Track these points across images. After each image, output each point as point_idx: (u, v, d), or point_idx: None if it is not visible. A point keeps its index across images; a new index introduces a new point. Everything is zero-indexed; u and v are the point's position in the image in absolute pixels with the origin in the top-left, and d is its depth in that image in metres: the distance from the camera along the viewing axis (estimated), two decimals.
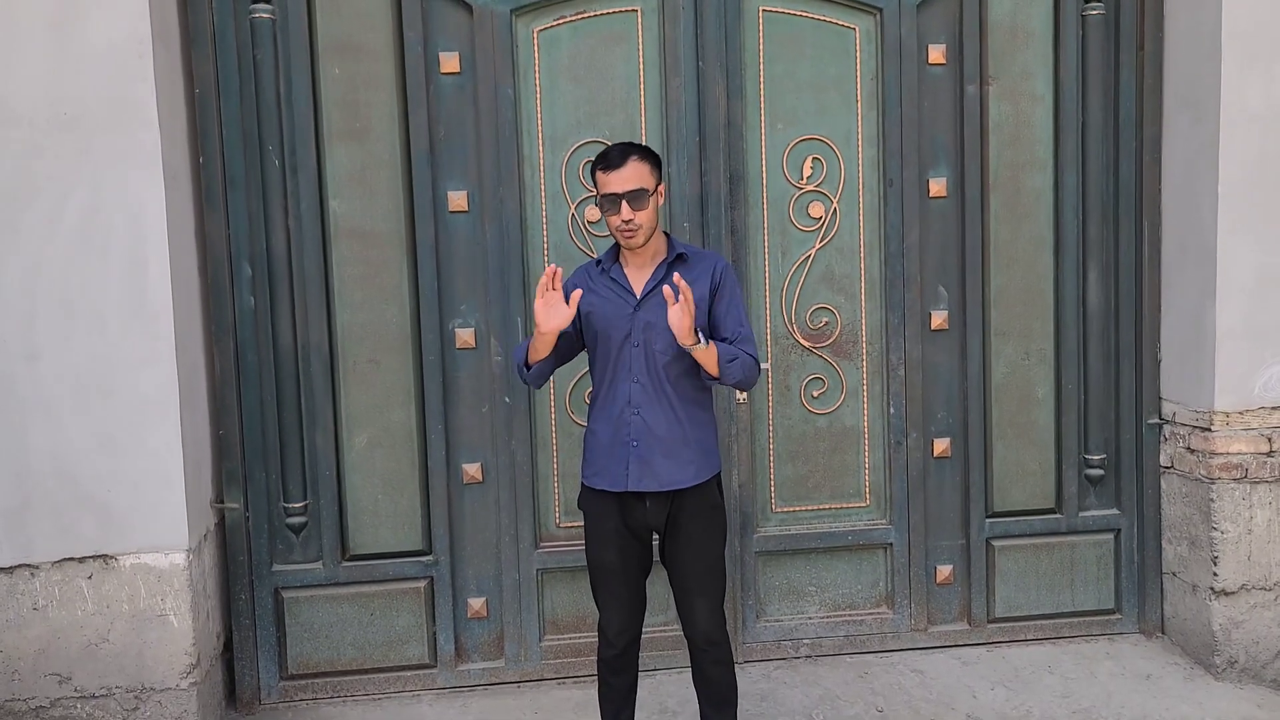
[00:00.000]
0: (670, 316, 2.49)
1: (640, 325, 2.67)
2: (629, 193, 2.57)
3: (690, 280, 2.67)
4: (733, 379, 2.65)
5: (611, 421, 2.71)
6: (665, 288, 2.49)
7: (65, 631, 3.11)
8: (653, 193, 2.63)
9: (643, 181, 2.60)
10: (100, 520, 3.10)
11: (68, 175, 3.02)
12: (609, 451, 2.71)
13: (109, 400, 3.08)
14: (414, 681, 3.62)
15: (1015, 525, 3.85)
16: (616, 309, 2.70)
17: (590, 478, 2.77)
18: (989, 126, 3.69)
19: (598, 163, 2.64)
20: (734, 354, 2.64)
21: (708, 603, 2.75)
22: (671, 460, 2.68)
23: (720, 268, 2.74)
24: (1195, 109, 3.55)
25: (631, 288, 2.71)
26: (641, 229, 2.61)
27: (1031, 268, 3.77)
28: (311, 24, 3.40)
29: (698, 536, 2.73)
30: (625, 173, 2.58)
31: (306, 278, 3.45)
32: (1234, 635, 3.56)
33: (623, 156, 2.60)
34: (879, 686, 3.57)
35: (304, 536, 3.54)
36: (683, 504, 2.71)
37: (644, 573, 2.83)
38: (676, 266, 2.71)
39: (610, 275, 2.74)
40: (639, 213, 2.59)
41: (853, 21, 3.63)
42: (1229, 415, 3.52)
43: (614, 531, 2.74)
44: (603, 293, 2.73)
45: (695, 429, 2.73)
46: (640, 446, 2.67)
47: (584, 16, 3.51)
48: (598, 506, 2.77)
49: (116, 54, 3.01)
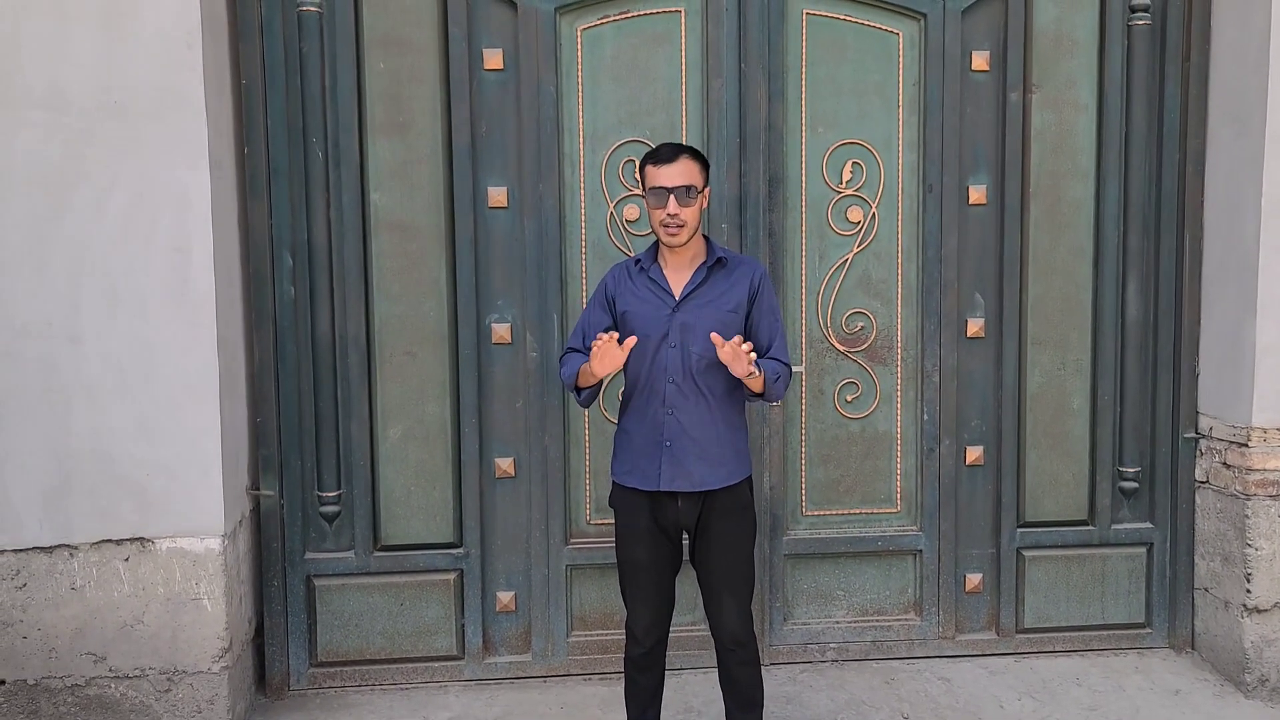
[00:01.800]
0: (723, 356, 2.52)
1: (678, 327, 2.69)
2: (678, 188, 2.60)
3: (728, 286, 2.71)
4: (777, 396, 2.73)
5: (645, 421, 2.73)
6: (713, 334, 2.53)
7: (101, 612, 3.15)
8: (700, 192, 2.66)
9: (692, 179, 2.63)
10: (138, 503, 3.14)
11: (115, 162, 3.05)
12: (642, 450, 2.73)
13: (149, 385, 3.12)
14: (441, 673, 3.64)
15: (1046, 536, 3.83)
16: (654, 310, 2.72)
17: (622, 476, 2.78)
18: (1031, 134, 3.67)
19: (648, 158, 2.68)
20: (777, 373, 2.69)
21: (736, 603, 2.76)
22: (705, 461, 2.70)
23: (759, 274, 2.76)
24: (1240, 122, 3.52)
25: (670, 289, 2.72)
26: (686, 226, 2.64)
27: (1070, 277, 3.75)
28: (358, 18, 3.43)
29: (728, 537, 2.75)
30: (676, 168, 2.62)
31: (346, 269, 3.48)
32: (1265, 653, 3.53)
33: (675, 153, 2.65)
34: (905, 693, 3.56)
35: (336, 525, 3.57)
36: (714, 504, 2.73)
37: (674, 571, 2.84)
38: (715, 270, 2.73)
39: (649, 275, 2.75)
40: (685, 209, 2.62)
41: (896, 26, 3.62)
42: (1266, 431, 3.48)
43: (645, 530, 2.76)
44: (641, 293, 2.75)
45: (729, 430, 2.75)
46: (674, 447, 2.69)
47: (627, 16, 3.52)
48: (629, 504, 2.78)
49: (166, 44, 3.04)
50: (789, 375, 2.77)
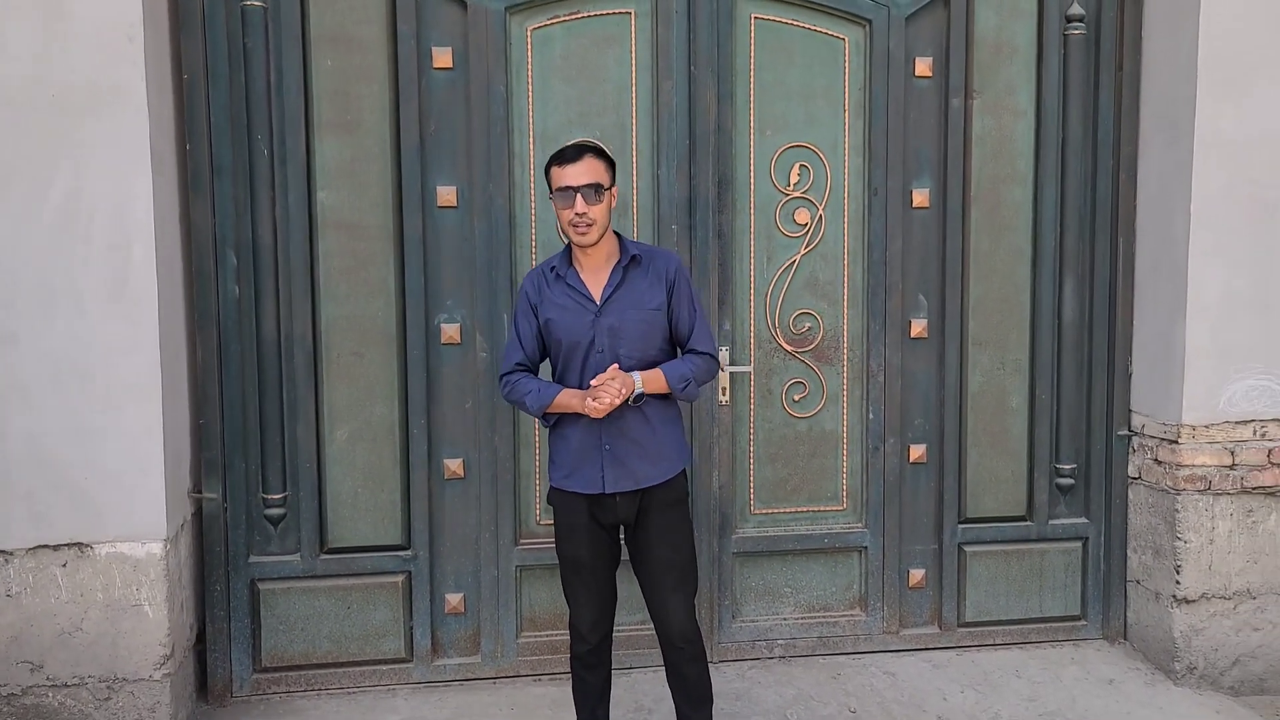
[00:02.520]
0: (602, 406, 2.58)
1: (604, 331, 2.70)
2: (584, 186, 2.59)
3: (646, 283, 2.73)
4: (693, 395, 2.77)
5: (581, 425, 2.73)
6: (589, 402, 2.59)
7: (38, 619, 3.06)
8: (607, 190, 2.66)
9: (598, 177, 2.62)
10: (77, 507, 3.06)
11: (53, 157, 2.98)
12: (581, 454, 2.74)
13: (88, 386, 3.04)
14: (389, 676, 3.61)
15: (987, 532, 3.92)
16: (577, 317, 2.71)
17: (562, 480, 2.78)
18: (972, 139, 3.76)
19: (553, 160, 2.67)
20: (684, 375, 2.71)
21: (683, 600, 2.78)
22: (645, 459, 2.73)
23: (674, 267, 2.77)
24: (1171, 130, 3.64)
25: (590, 293, 2.72)
26: (595, 225, 2.63)
27: (1009, 279, 3.84)
28: (304, 14, 3.38)
29: (668, 531, 2.77)
30: (581, 167, 2.61)
31: (292, 268, 3.43)
32: (1194, 642, 3.66)
33: (579, 152, 2.64)
34: (852, 688, 3.62)
35: (282, 528, 3.52)
36: (652, 498, 2.76)
37: (614, 567, 2.88)
38: (632, 269, 2.74)
39: (567, 281, 2.74)
40: (593, 207, 2.61)
41: (842, 32, 3.67)
42: (1195, 429, 3.61)
43: (584, 527, 2.78)
44: (561, 300, 2.73)
45: (664, 425, 2.78)
46: (614, 449, 2.71)
47: (578, 17, 3.52)
48: (568, 504, 2.80)
49: (106, 36, 2.98)
50: (711, 367, 2.80)
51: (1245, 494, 3.62)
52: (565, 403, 2.69)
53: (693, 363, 2.76)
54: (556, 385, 2.73)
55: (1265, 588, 3.66)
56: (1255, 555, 3.65)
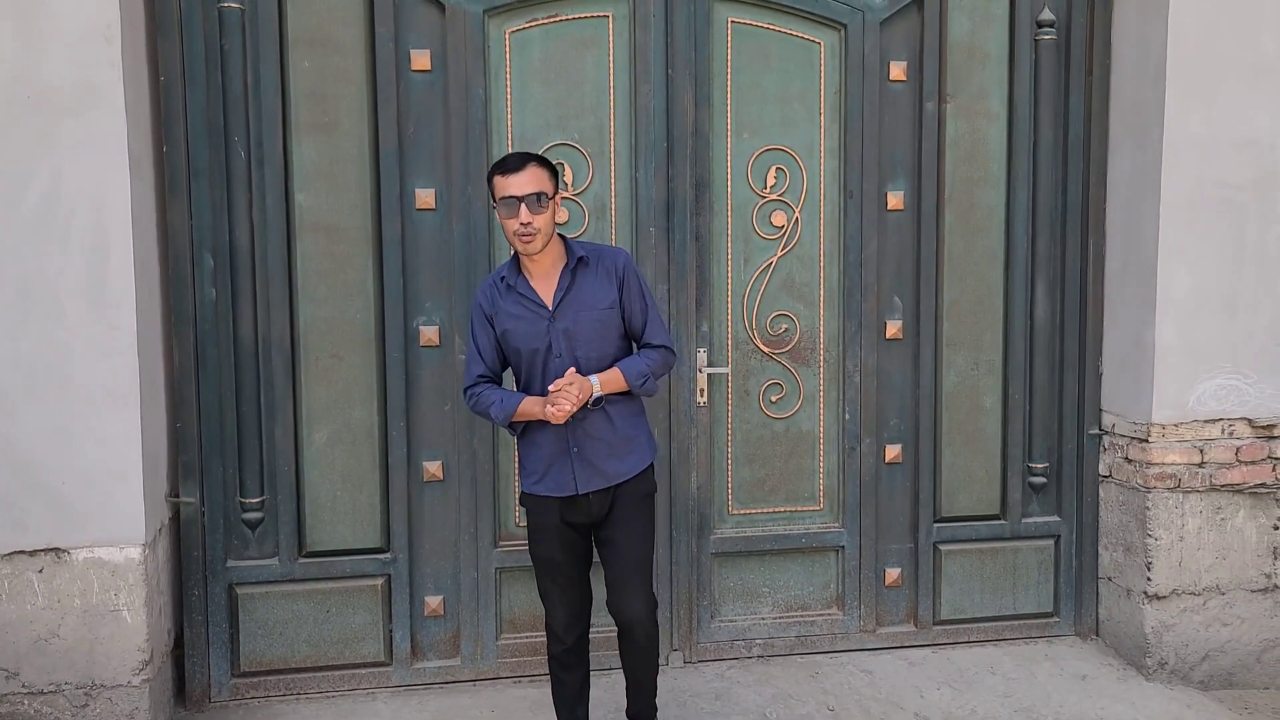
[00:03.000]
0: (561, 412, 2.60)
1: (559, 335, 2.73)
2: (528, 196, 2.61)
3: (596, 283, 2.76)
4: (652, 389, 2.81)
5: (548, 430, 2.76)
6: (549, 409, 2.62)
7: (14, 626, 3.03)
8: (550, 199, 2.68)
9: (541, 186, 2.64)
10: (53, 512, 3.03)
11: (28, 159, 2.95)
12: (551, 458, 2.78)
13: (66, 389, 3.02)
14: (369, 679, 3.60)
15: (961, 530, 3.97)
16: (531, 325, 2.74)
17: (534, 485, 2.82)
18: (946, 143, 3.81)
19: (495, 169, 2.68)
20: (642, 371, 2.75)
21: (645, 588, 2.83)
22: (614, 457, 2.78)
23: (622, 262, 2.80)
24: (1140, 134, 3.70)
25: (541, 299, 2.74)
26: (540, 233, 2.65)
27: (983, 280, 3.89)
28: (281, 15, 3.37)
29: (634, 522, 2.82)
30: (524, 177, 2.63)
31: (269, 271, 3.41)
32: (1165, 638, 3.72)
33: (522, 161, 2.66)
34: (830, 686, 3.65)
35: (260, 532, 3.50)
36: (623, 492, 2.80)
37: (588, 565, 2.93)
38: (580, 270, 2.77)
39: (517, 290, 2.76)
40: (537, 216, 2.62)
41: (818, 36, 3.71)
42: (1165, 427, 3.67)
43: (555, 528, 2.82)
44: (514, 309, 2.76)
45: (628, 421, 2.82)
46: (582, 451, 2.75)
47: (556, 20, 3.54)
48: (540, 505, 2.83)
49: (83, 37, 2.95)
50: (667, 360, 2.84)
51: (1214, 491, 3.69)
52: (528, 410, 2.71)
53: (649, 357, 2.80)
54: (519, 394, 2.77)
55: (1233, 584, 3.73)
56: (1224, 552, 3.71)
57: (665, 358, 2.83)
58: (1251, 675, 3.76)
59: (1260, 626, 3.76)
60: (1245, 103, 3.58)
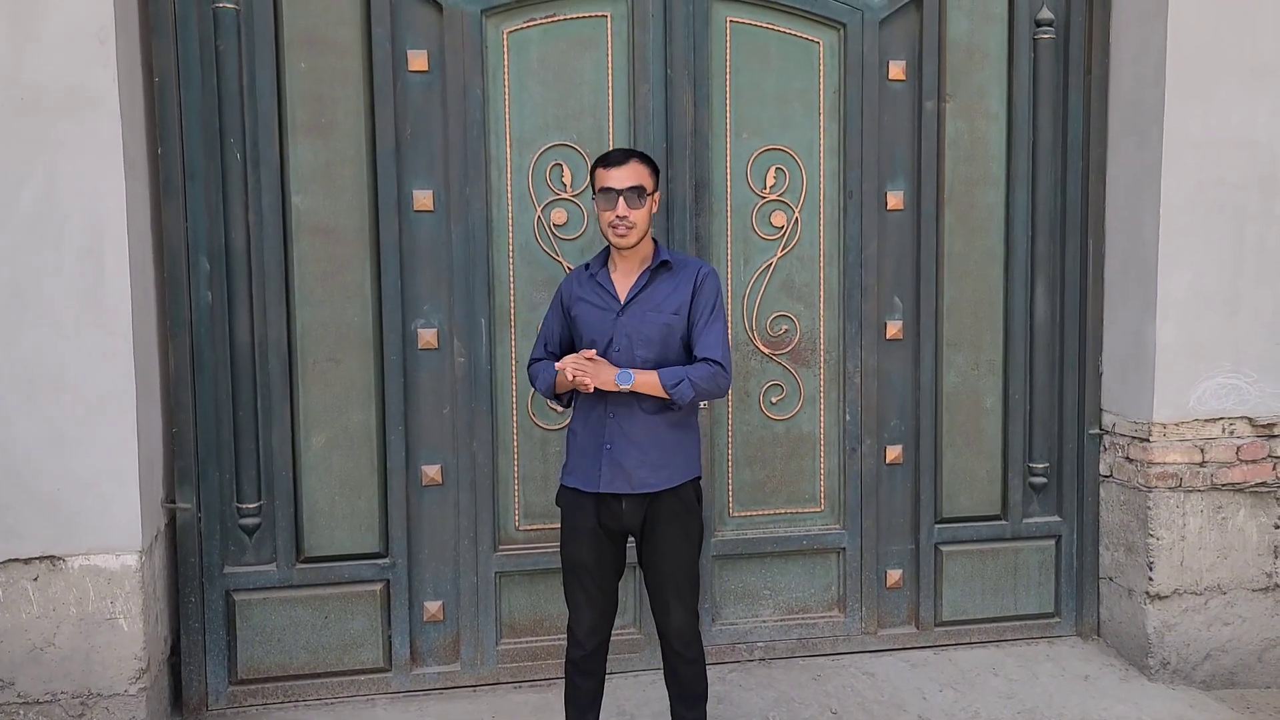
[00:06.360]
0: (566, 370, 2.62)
1: (622, 331, 2.71)
2: (627, 190, 2.63)
3: (672, 289, 2.74)
4: (684, 396, 2.65)
5: (590, 423, 2.75)
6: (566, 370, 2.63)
7: (8, 635, 2.99)
8: (649, 195, 2.69)
9: (641, 180, 2.66)
10: (48, 519, 3.00)
11: (23, 161, 2.92)
12: (586, 452, 2.75)
13: (61, 394, 2.98)
14: (368, 685, 3.56)
15: (963, 531, 3.96)
16: (601, 315, 2.74)
17: (566, 476, 2.82)
18: (945, 142, 3.80)
19: (598, 162, 2.70)
20: (679, 375, 2.65)
21: (682, 606, 2.79)
22: (645, 464, 2.71)
23: (701, 274, 2.77)
24: (1139, 134, 3.70)
25: (616, 293, 2.75)
26: (635, 228, 2.66)
27: (983, 280, 3.88)
28: (277, 16, 3.34)
29: (672, 540, 2.76)
30: (625, 171, 2.65)
31: (266, 274, 3.38)
32: (1167, 638, 3.71)
33: (625, 156, 2.68)
34: (832, 689, 3.63)
35: (257, 538, 3.46)
36: (659, 507, 2.74)
37: (617, 575, 2.86)
38: (660, 273, 2.75)
39: (598, 280, 2.78)
40: (634, 211, 2.64)
41: (817, 36, 3.70)
42: (1166, 426, 3.66)
43: (588, 530, 2.77)
44: (589, 297, 2.78)
45: (672, 432, 2.75)
46: (614, 449, 2.70)
47: (554, 20, 3.51)
48: (574, 504, 2.79)
49: (77, 38, 2.92)
50: (718, 375, 2.70)
51: (1215, 491, 3.69)
52: (561, 380, 2.74)
53: (694, 367, 2.69)
54: (550, 365, 2.81)
55: (1235, 583, 3.73)
56: (1225, 551, 3.71)
57: (712, 372, 2.69)
58: (1253, 674, 3.76)
59: (1262, 626, 3.76)
60: (1245, 102, 3.59)
